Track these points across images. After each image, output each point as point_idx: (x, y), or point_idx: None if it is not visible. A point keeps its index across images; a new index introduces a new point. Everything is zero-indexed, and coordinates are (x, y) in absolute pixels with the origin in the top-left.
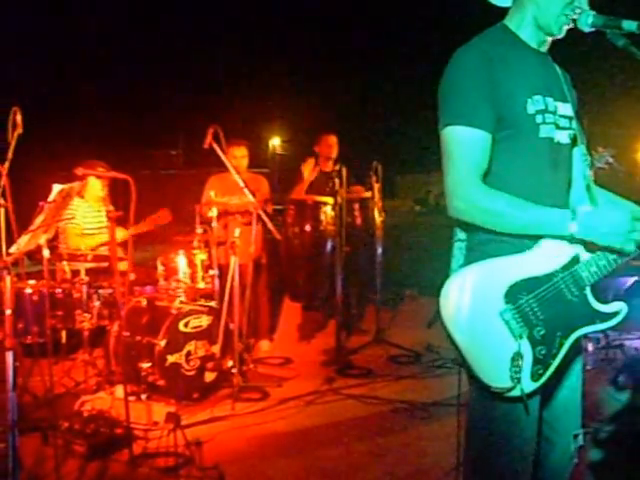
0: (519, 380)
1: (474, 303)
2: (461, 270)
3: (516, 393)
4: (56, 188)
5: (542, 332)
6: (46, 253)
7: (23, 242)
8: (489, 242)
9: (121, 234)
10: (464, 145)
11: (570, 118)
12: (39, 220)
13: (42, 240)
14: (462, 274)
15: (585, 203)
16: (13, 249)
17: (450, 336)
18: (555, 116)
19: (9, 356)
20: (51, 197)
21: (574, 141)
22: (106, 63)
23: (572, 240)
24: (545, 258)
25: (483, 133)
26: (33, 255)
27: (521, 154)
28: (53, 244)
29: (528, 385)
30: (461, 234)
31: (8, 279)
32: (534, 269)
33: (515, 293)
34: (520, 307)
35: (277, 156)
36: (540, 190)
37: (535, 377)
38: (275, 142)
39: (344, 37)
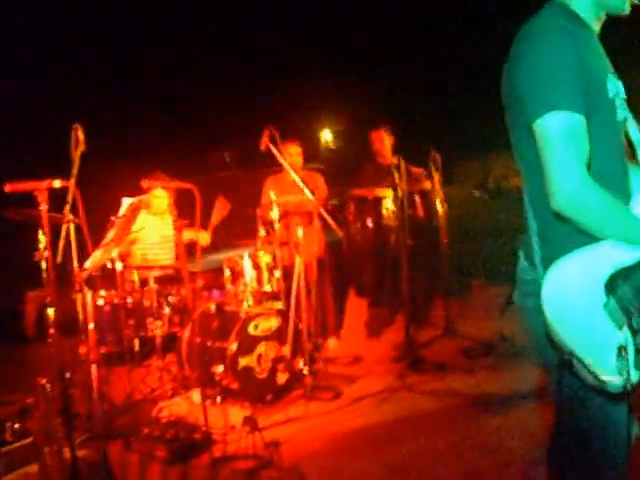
0: (628, 372)
1: (579, 298)
2: (557, 264)
3: (625, 384)
4: (126, 202)
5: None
6: (119, 266)
7: (97, 256)
8: (571, 232)
9: (188, 235)
10: (569, 133)
11: (625, 99)
12: (111, 234)
13: (114, 253)
14: (559, 268)
15: None
16: (88, 264)
17: (556, 336)
18: (622, 97)
19: (93, 368)
20: (121, 211)
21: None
22: (155, 66)
23: None
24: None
25: (583, 118)
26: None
27: (604, 140)
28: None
29: (634, 375)
30: (536, 225)
31: (89, 295)
32: (626, 256)
33: (613, 283)
34: (619, 297)
35: (329, 150)
36: (624, 178)
37: (638, 366)
38: (326, 135)
39: (394, 21)
